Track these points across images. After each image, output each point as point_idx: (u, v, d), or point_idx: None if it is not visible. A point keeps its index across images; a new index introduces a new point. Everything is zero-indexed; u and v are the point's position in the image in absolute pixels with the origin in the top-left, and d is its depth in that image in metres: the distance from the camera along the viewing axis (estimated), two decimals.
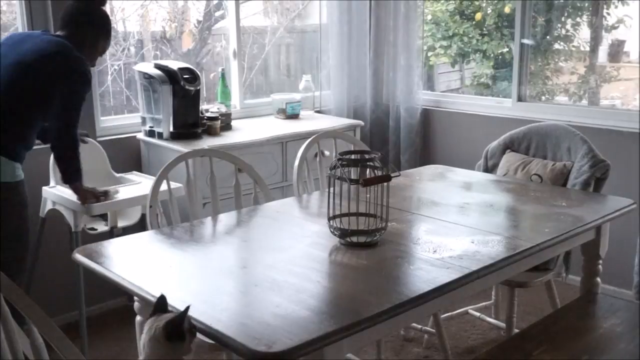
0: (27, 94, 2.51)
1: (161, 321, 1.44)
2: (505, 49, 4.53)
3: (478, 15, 4.66)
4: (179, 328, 1.43)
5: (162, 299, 1.50)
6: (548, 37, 4.15)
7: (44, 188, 2.91)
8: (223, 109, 3.58)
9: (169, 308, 1.54)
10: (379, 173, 2.00)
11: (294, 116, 3.91)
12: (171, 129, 3.27)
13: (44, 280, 3.13)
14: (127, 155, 3.40)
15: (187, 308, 1.44)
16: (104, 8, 2.69)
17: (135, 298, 1.88)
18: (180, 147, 3.09)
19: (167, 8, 3.85)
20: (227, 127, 3.55)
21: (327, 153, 3.24)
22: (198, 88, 3.30)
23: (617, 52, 4.10)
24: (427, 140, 4.35)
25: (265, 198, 2.57)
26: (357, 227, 1.97)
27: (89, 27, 2.63)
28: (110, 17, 2.84)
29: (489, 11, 4.65)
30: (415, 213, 2.32)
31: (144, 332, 1.46)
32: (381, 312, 1.54)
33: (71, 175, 2.61)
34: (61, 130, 2.54)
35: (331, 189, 1.98)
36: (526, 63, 3.91)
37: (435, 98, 4.41)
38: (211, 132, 3.41)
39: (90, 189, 2.70)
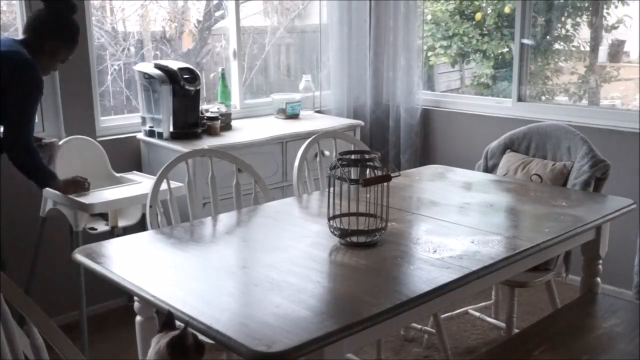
0: None
1: (166, 338, 1.46)
2: (505, 49, 4.53)
3: (478, 15, 4.66)
4: (182, 345, 1.44)
5: (169, 317, 1.51)
6: (548, 37, 4.15)
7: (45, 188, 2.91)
8: (223, 109, 3.58)
9: (169, 308, 1.54)
10: (379, 173, 2.00)
11: (294, 116, 3.91)
12: (171, 129, 3.27)
13: (44, 280, 3.13)
14: (127, 155, 3.40)
15: (186, 325, 1.46)
16: (73, 17, 2.64)
17: (135, 298, 1.88)
18: (180, 147, 3.09)
19: (167, 8, 3.85)
20: (227, 127, 3.55)
21: (327, 153, 3.24)
22: (198, 88, 3.30)
23: (617, 52, 4.10)
24: (427, 140, 4.35)
25: (265, 198, 2.57)
26: (357, 227, 1.97)
27: (49, 35, 2.59)
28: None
29: (489, 11, 4.65)
30: (415, 213, 2.32)
31: (151, 347, 1.47)
32: (381, 312, 1.54)
33: (44, 180, 2.63)
34: (12, 146, 2.49)
35: (331, 189, 1.98)
36: (526, 63, 3.91)
37: (435, 98, 4.41)
38: (211, 132, 3.41)
39: (72, 180, 2.73)
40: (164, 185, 2.42)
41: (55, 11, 2.60)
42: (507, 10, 4.45)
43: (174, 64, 3.30)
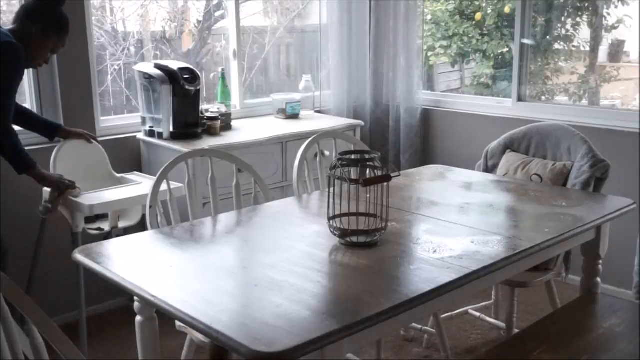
0: None
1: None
2: (505, 49, 4.53)
3: (478, 15, 4.66)
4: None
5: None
6: (548, 37, 4.15)
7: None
8: (223, 109, 3.58)
9: (169, 309, 1.54)
10: (379, 173, 2.00)
11: (294, 116, 3.91)
12: (171, 129, 3.27)
13: (44, 280, 3.13)
14: (127, 155, 3.40)
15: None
16: (61, 7, 2.69)
17: (135, 298, 1.88)
18: (180, 147, 3.09)
19: (167, 8, 3.85)
20: (227, 127, 3.55)
21: (327, 153, 3.24)
22: (198, 88, 3.30)
23: (617, 52, 4.10)
24: (427, 140, 4.35)
25: (265, 198, 2.57)
26: (357, 227, 1.97)
27: (37, 20, 2.63)
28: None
29: (489, 11, 4.65)
30: (415, 213, 2.32)
31: None
32: (381, 312, 1.54)
33: (18, 163, 2.61)
34: None
35: (331, 189, 1.98)
36: (526, 63, 3.91)
37: (435, 98, 4.41)
38: (211, 132, 3.41)
39: (55, 178, 2.73)
40: (164, 186, 2.42)
41: (40, 2, 2.66)
42: (507, 10, 4.45)
43: (174, 64, 3.30)
